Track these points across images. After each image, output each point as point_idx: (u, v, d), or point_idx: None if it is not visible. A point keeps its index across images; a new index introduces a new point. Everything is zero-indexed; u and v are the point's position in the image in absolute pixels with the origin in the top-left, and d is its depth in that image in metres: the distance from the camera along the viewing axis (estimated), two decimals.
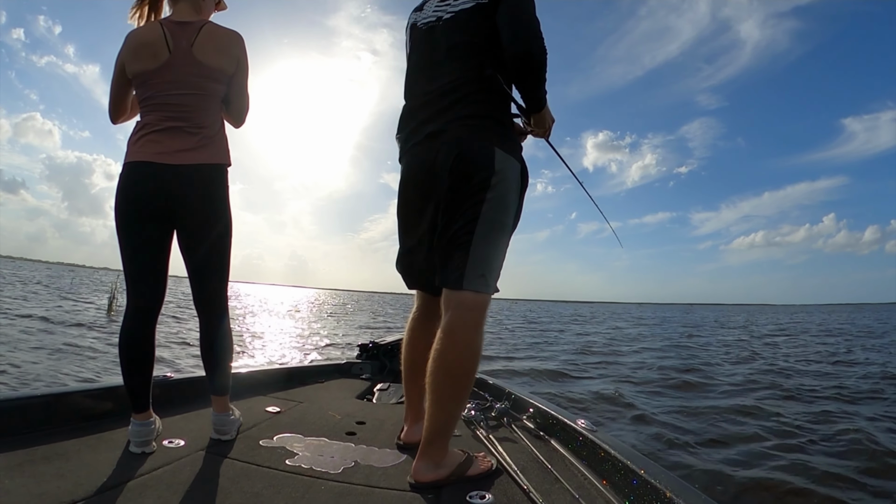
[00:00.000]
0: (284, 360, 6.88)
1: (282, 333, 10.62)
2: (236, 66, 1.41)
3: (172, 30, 1.34)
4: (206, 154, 1.35)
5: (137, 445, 1.28)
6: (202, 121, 1.36)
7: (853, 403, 4.56)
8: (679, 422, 3.85)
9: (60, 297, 14.06)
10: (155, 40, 1.33)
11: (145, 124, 1.35)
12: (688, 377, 5.98)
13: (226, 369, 1.45)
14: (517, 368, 6.49)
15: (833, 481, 2.61)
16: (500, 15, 1.25)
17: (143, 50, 1.33)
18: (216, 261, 1.40)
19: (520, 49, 1.21)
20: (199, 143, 1.34)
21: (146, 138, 1.32)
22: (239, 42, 1.41)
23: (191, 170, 1.32)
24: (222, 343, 1.44)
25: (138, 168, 1.31)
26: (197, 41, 1.34)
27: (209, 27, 1.38)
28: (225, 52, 1.38)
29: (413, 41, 1.44)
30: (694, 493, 0.98)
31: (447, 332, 1.19)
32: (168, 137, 1.32)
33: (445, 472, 1.20)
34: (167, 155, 1.30)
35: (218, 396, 1.43)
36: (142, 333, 1.36)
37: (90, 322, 8.40)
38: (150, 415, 1.33)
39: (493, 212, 1.23)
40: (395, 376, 2.53)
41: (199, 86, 1.35)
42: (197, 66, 1.34)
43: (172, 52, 1.33)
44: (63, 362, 5.03)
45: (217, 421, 1.43)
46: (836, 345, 10.87)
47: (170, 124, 1.32)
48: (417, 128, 1.34)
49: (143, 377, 1.34)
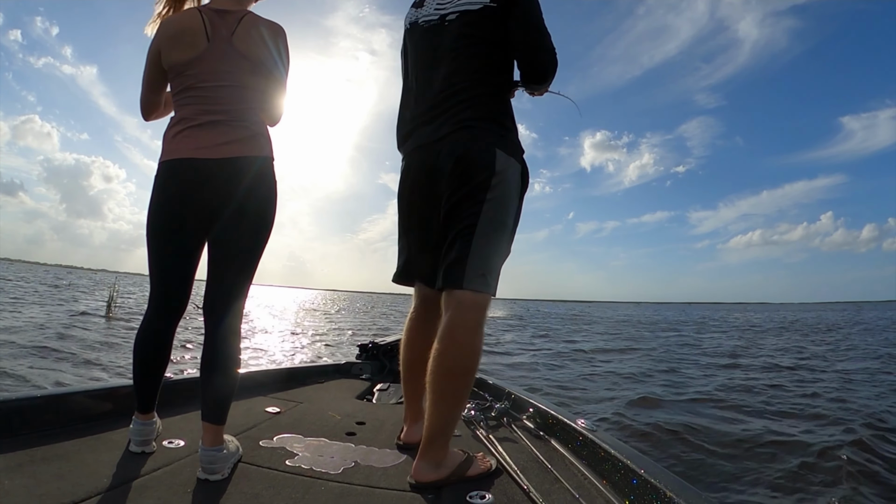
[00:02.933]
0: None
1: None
2: (278, 58, 1.31)
3: (212, 18, 1.26)
4: (249, 146, 1.25)
5: (138, 445, 1.27)
6: (243, 113, 1.26)
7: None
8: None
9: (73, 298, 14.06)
10: (194, 28, 1.24)
11: (181, 118, 1.25)
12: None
13: (229, 391, 1.23)
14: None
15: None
16: (516, 27, 1.27)
17: (181, 37, 1.24)
18: (248, 268, 1.27)
19: (538, 66, 1.29)
20: (241, 135, 1.24)
21: (183, 134, 1.23)
22: (282, 35, 1.31)
23: (233, 163, 1.22)
24: (228, 357, 1.23)
25: (177, 165, 1.22)
26: (237, 31, 1.26)
27: (250, 17, 1.29)
28: (267, 43, 1.28)
29: (413, 39, 1.43)
30: (694, 493, 0.98)
31: (447, 332, 1.19)
32: (207, 132, 1.22)
33: (446, 472, 1.20)
34: (208, 149, 1.21)
35: (213, 425, 1.18)
36: (161, 336, 1.29)
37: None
38: (153, 415, 1.32)
39: (493, 212, 1.24)
40: (394, 376, 2.52)
41: (238, 78, 1.26)
42: (238, 57, 1.25)
43: (211, 41, 1.24)
44: (62, 363, 5.02)
45: (205, 457, 1.15)
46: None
47: (209, 118, 1.23)
48: (419, 129, 1.34)
49: (154, 379, 1.30)
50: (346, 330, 13.05)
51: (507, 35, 1.29)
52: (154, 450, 1.29)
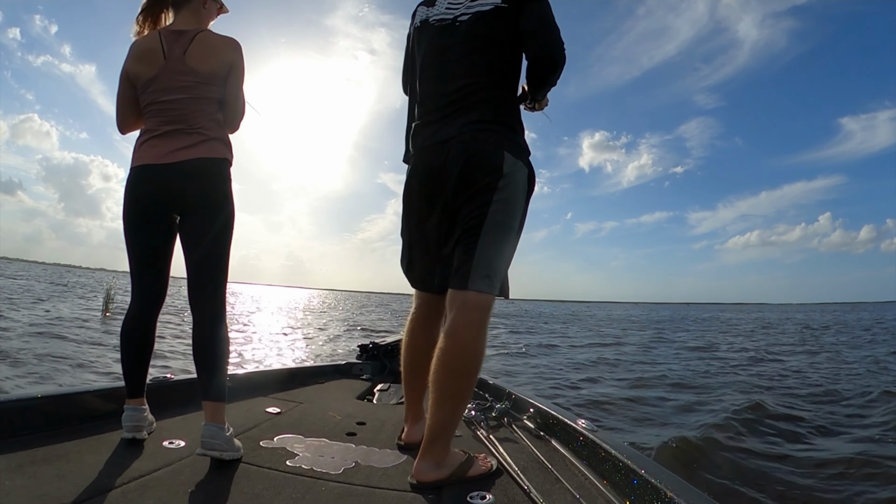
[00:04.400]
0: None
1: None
2: (229, 70, 1.44)
3: (168, 38, 1.41)
4: (204, 149, 1.39)
5: (130, 430, 1.33)
6: (198, 122, 1.40)
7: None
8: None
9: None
10: (153, 48, 1.40)
11: (146, 130, 1.41)
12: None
13: (221, 372, 1.36)
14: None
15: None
16: (527, 22, 1.28)
17: (143, 57, 1.40)
18: (216, 256, 1.40)
19: (547, 58, 1.29)
20: (194, 140, 1.38)
21: (147, 143, 1.39)
22: (233, 47, 1.45)
23: (189, 165, 1.36)
24: (218, 344, 1.37)
25: (141, 171, 1.38)
26: (190, 48, 1.40)
27: (203, 34, 1.44)
28: (217, 57, 1.43)
29: (423, 38, 1.42)
30: (695, 493, 0.98)
31: (451, 332, 1.20)
32: (166, 140, 1.37)
33: (446, 473, 1.20)
34: (167, 155, 1.36)
35: (212, 402, 1.29)
36: (143, 322, 1.43)
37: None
38: (143, 401, 1.41)
39: (499, 214, 1.24)
40: (395, 377, 2.52)
41: (192, 90, 1.40)
42: (189, 73, 1.39)
43: (167, 59, 1.39)
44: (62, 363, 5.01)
45: (208, 433, 1.23)
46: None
47: (167, 128, 1.38)
48: (427, 129, 1.34)
49: (141, 364, 1.42)
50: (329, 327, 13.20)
51: (518, 33, 1.29)
52: (145, 437, 1.36)
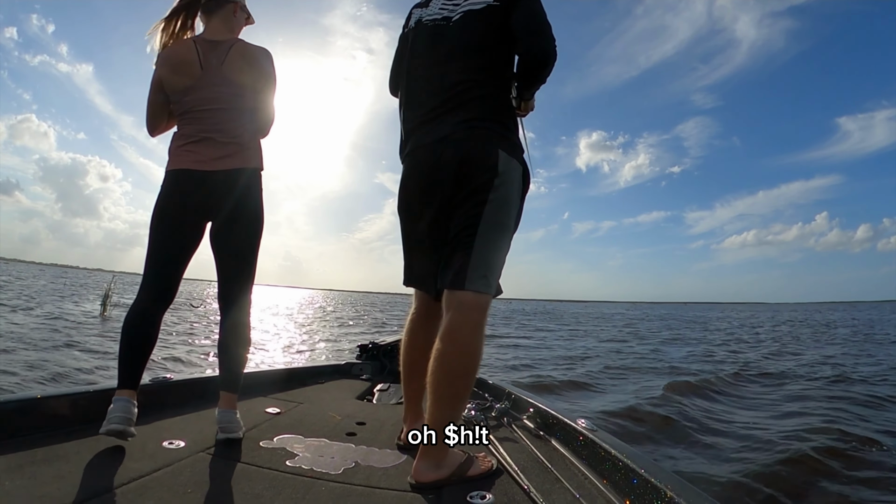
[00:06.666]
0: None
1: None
2: (264, 81, 1.51)
3: (205, 49, 1.47)
4: (241, 159, 1.48)
5: (119, 422, 1.26)
6: (233, 131, 1.47)
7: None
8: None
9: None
10: (190, 59, 1.46)
11: (183, 135, 1.48)
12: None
13: (239, 366, 1.50)
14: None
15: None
16: (518, 18, 1.27)
17: (179, 68, 1.45)
18: (245, 259, 1.50)
19: (539, 54, 1.28)
20: (232, 151, 1.46)
21: (184, 149, 1.46)
22: (268, 59, 1.52)
23: (225, 174, 1.45)
24: (240, 340, 1.50)
25: (181, 174, 1.45)
26: (227, 59, 1.46)
27: (239, 45, 1.50)
28: (253, 68, 1.49)
29: (417, 38, 1.42)
30: (695, 492, 0.98)
31: (448, 333, 1.20)
32: (203, 147, 1.45)
33: (446, 473, 1.20)
34: (204, 162, 1.44)
35: (227, 393, 1.46)
36: (150, 318, 1.43)
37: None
38: (135, 394, 1.37)
39: (494, 213, 1.24)
40: (394, 377, 2.52)
41: (228, 101, 1.46)
42: (227, 84, 1.46)
43: (204, 70, 1.45)
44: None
45: (223, 418, 1.41)
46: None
47: (204, 135, 1.45)
48: (421, 129, 1.34)
49: (141, 356, 1.41)
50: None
51: (509, 29, 1.28)
52: (134, 434, 1.30)
